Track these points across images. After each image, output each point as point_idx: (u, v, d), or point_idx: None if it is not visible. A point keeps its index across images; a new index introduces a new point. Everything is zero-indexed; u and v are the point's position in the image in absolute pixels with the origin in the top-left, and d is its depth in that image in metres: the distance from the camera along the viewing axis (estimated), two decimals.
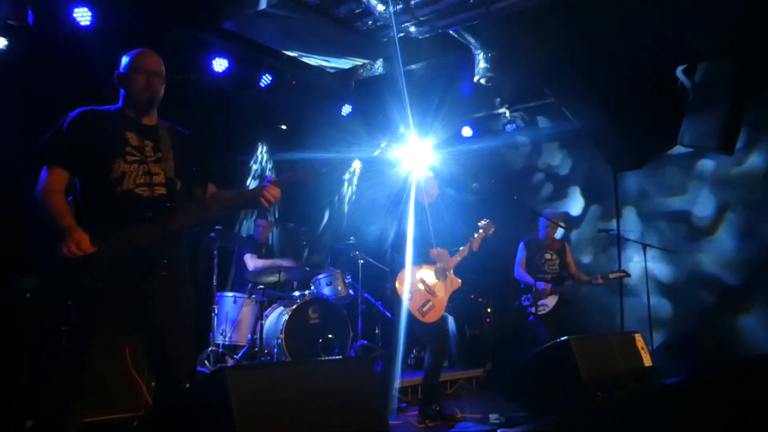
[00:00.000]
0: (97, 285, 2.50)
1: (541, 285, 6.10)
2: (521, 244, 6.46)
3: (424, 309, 4.61)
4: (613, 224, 7.65)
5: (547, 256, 6.35)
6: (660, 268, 7.31)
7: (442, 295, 4.75)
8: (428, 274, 4.73)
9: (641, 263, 6.95)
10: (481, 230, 5.02)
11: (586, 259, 7.93)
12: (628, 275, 6.35)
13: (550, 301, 6.15)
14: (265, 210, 2.93)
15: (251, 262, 6.10)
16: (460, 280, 4.90)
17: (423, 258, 4.70)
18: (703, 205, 7.16)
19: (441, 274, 4.78)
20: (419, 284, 4.64)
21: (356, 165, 8.37)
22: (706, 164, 7.14)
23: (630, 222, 7.64)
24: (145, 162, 2.69)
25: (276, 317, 5.75)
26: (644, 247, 6.87)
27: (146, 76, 2.72)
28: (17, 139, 4.37)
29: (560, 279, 6.33)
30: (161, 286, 2.63)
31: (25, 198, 2.77)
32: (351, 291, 6.38)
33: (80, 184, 2.66)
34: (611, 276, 6.18)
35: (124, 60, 2.79)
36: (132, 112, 2.77)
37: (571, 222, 7.94)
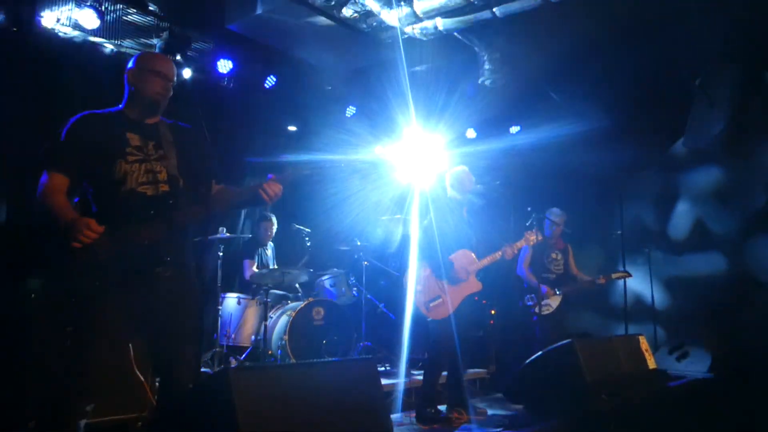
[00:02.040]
0: (103, 285, 2.50)
1: (544, 289, 6.08)
2: None
3: (432, 304, 4.57)
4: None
5: (553, 255, 6.34)
6: (665, 272, 7.28)
7: (455, 295, 4.67)
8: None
9: (646, 267, 6.92)
10: (522, 239, 4.99)
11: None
12: (630, 275, 6.33)
13: (554, 302, 6.14)
14: (266, 205, 2.92)
15: (248, 270, 6.08)
16: (480, 284, 4.79)
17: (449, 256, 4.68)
18: (705, 208, 7.13)
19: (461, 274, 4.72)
20: (433, 278, 4.61)
21: (359, 166, 8.33)
22: (710, 168, 7.12)
23: (635, 225, 7.62)
24: (147, 161, 2.70)
25: (280, 318, 5.74)
26: (648, 252, 6.85)
27: (162, 81, 2.74)
28: (22, 141, 4.38)
29: (564, 279, 6.31)
30: (166, 286, 2.63)
31: (30, 199, 2.79)
32: (355, 292, 6.37)
33: (90, 187, 2.68)
34: (613, 276, 6.23)
35: (140, 58, 2.79)
36: (135, 113, 2.77)
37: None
